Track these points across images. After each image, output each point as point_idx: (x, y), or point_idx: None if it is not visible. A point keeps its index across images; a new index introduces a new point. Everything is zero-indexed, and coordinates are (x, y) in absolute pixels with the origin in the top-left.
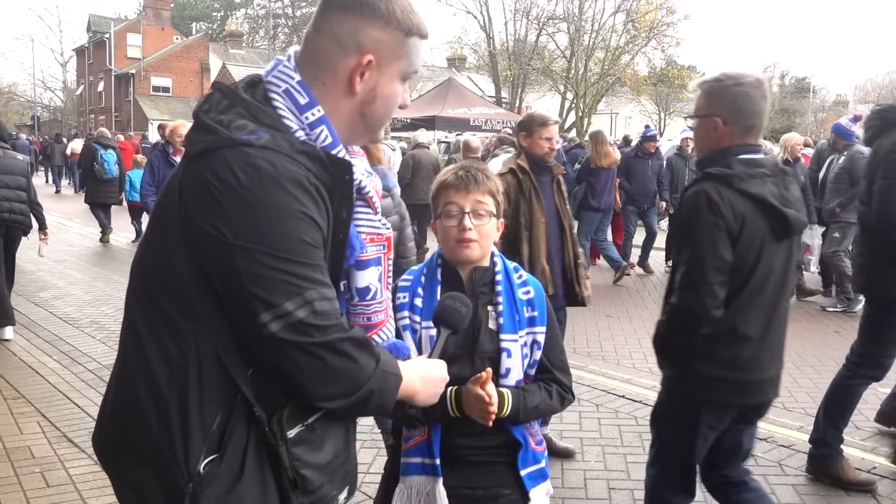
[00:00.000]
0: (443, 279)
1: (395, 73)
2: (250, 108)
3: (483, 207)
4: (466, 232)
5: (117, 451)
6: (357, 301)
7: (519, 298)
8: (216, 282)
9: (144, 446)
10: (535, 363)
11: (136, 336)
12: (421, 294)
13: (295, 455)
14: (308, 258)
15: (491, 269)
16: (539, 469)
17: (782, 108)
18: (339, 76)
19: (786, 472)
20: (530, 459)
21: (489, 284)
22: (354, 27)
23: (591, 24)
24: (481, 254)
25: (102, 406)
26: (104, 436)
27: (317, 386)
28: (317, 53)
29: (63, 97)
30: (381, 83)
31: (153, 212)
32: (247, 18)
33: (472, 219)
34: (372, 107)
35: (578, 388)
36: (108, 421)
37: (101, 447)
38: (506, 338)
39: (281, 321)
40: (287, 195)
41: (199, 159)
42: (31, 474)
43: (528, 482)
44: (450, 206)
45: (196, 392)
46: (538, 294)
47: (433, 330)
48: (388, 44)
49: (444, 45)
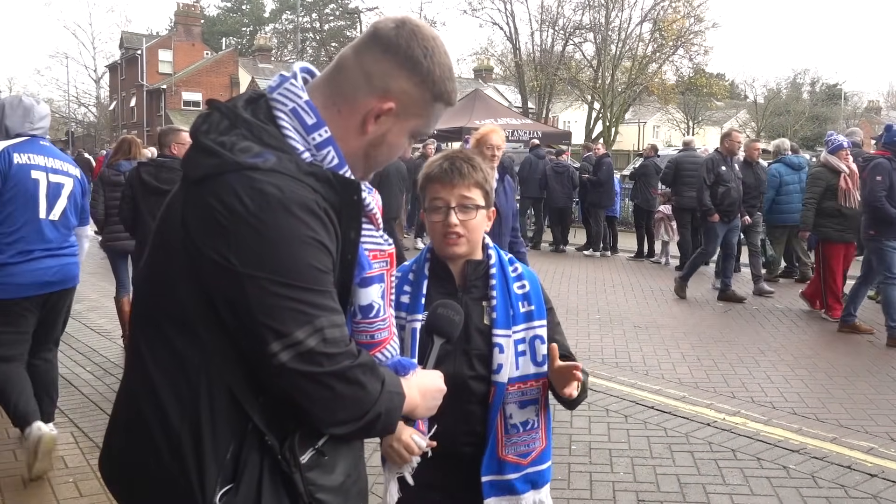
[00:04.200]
0: (431, 274)
1: (410, 127)
2: (253, 128)
3: (470, 201)
4: (452, 227)
5: (131, 485)
6: (360, 319)
7: (514, 293)
8: (223, 311)
9: (158, 480)
10: (544, 360)
11: (143, 366)
12: (408, 291)
13: (309, 480)
14: (318, 284)
15: (485, 262)
16: (507, 482)
17: (813, 115)
18: (356, 110)
19: (819, 485)
20: (495, 468)
21: (483, 278)
22: (388, 71)
23: (618, 34)
24: (470, 248)
25: (109, 436)
26: (114, 468)
27: (326, 414)
28: (344, 78)
29: (97, 113)
30: (393, 132)
31: (153, 237)
32: (275, 33)
33: (458, 213)
34: (377, 150)
35: (606, 398)
36: (119, 454)
37: (111, 480)
38: (498, 333)
39: (291, 350)
40: (296, 221)
41: (202, 184)
42: (65, 483)
43: (488, 489)
44: (435, 200)
45: (208, 422)
46: (534, 287)
47: (418, 323)
48: (415, 100)
49: (470, 57)
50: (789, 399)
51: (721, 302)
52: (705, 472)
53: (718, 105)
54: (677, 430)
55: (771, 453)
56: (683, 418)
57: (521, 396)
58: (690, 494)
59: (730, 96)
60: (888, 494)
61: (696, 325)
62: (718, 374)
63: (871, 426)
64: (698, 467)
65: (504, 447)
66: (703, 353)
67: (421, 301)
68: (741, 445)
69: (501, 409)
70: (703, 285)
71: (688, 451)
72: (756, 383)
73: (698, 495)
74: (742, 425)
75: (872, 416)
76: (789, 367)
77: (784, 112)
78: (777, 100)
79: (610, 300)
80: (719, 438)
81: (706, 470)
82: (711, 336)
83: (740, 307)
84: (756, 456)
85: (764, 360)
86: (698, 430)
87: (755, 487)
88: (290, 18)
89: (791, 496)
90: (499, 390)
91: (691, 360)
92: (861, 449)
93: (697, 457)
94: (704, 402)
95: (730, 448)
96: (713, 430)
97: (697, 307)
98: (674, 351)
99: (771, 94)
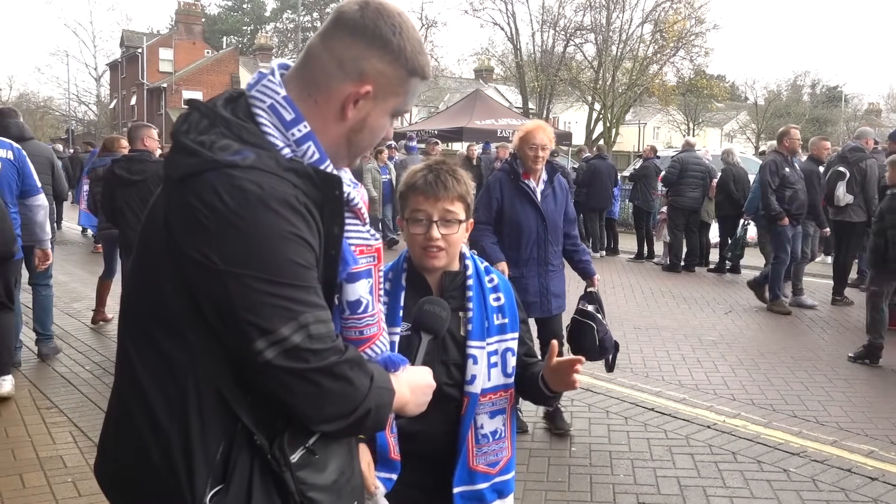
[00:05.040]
0: (408, 284)
1: (389, 107)
2: (231, 126)
3: (452, 216)
4: (434, 241)
5: (122, 487)
6: (349, 315)
7: (490, 305)
8: (206, 309)
9: (148, 481)
10: (513, 371)
11: (131, 368)
12: (385, 302)
13: (300, 479)
14: (301, 280)
15: (462, 273)
16: (478, 492)
17: (813, 118)
18: (332, 98)
19: (819, 489)
20: (466, 478)
21: (459, 289)
22: (360, 54)
23: (619, 35)
24: (448, 260)
25: (102, 440)
26: (107, 471)
27: (314, 410)
28: (315, 68)
29: (97, 111)
30: (373, 115)
31: (138, 239)
32: (276, 32)
33: (439, 227)
34: (359, 135)
35: (607, 400)
36: (111, 456)
37: (106, 484)
38: (473, 344)
39: (276, 347)
40: (277, 217)
41: (182, 184)
42: (64, 483)
43: (459, 500)
44: (417, 212)
45: (197, 423)
46: (508, 299)
47: (396, 336)
48: (390, 79)
49: (471, 57)
50: (789, 402)
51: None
52: (706, 474)
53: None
54: (677, 433)
55: (771, 456)
56: (684, 420)
57: (491, 407)
58: (691, 497)
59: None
60: (889, 498)
61: (697, 327)
62: (718, 377)
63: (871, 429)
64: (699, 470)
65: (475, 457)
66: (703, 355)
67: (399, 313)
68: (741, 448)
69: (472, 420)
70: (703, 287)
71: (688, 454)
72: (756, 385)
73: (698, 498)
74: (742, 428)
75: (872, 418)
76: (789, 369)
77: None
78: (777, 102)
79: (610, 302)
80: (719, 441)
81: (706, 472)
82: (711, 339)
83: (740, 310)
84: (756, 459)
85: (764, 362)
86: (698, 432)
87: (755, 490)
88: (291, 17)
89: (791, 499)
90: (472, 401)
91: (691, 362)
92: (861, 452)
93: (698, 459)
94: (705, 404)
95: (730, 451)
96: (713, 432)
97: (698, 309)
98: (674, 353)
99: (771, 95)
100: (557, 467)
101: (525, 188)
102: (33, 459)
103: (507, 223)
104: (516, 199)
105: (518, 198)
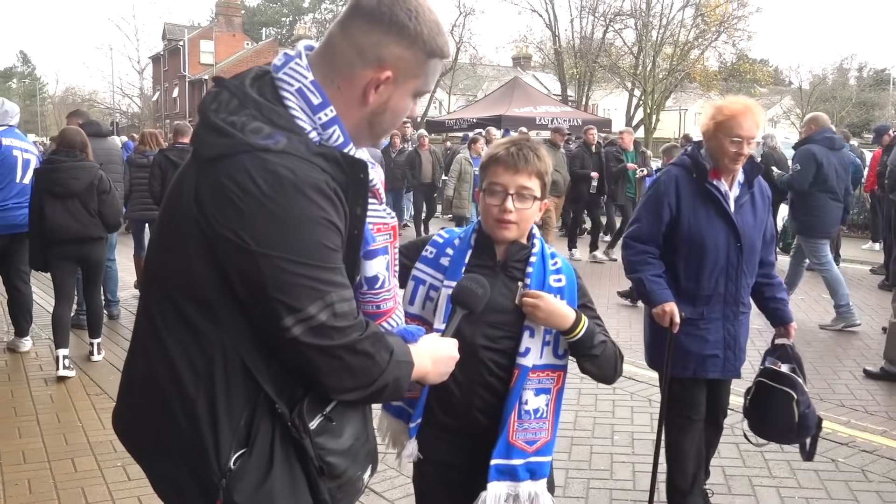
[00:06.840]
0: (476, 245)
1: (410, 89)
2: (262, 109)
3: (528, 191)
4: (507, 214)
5: (150, 450)
6: (366, 290)
7: (549, 285)
8: (237, 286)
9: (176, 445)
10: (564, 353)
11: (157, 337)
12: (449, 254)
13: (319, 444)
14: (329, 262)
15: (528, 248)
16: (512, 467)
17: (860, 102)
18: (354, 84)
19: (869, 479)
20: (504, 451)
21: (522, 262)
22: (378, 41)
23: (660, 20)
24: (518, 235)
25: (122, 392)
26: (128, 423)
27: (334, 381)
28: (336, 56)
29: (140, 103)
30: (395, 98)
31: (162, 212)
32: (314, 23)
33: (514, 201)
34: (381, 118)
35: (649, 389)
36: (137, 419)
37: (125, 433)
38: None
39: (303, 325)
40: (309, 202)
41: (215, 164)
42: (114, 468)
43: (494, 473)
44: (494, 184)
45: (223, 391)
46: (569, 283)
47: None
48: (409, 62)
49: (509, 45)
50: (837, 391)
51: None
52: (751, 464)
53: (762, 91)
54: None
55: (819, 446)
56: (730, 409)
57: (537, 384)
58: (736, 487)
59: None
60: None
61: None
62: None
63: None
64: (744, 459)
65: (515, 432)
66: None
67: (461, 269)
68: None
69: (520, 393)
70: None
71: (733, 443)
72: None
73: (744, 488)
74: None
75: None
76: (836, 357)
77: (830, 98)
78: (823, 86)
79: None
80: None
81: (752, 462)
82: (756, 327)
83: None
84: None
85: (810, 350)
86: (743, 421)
87: (802, 480)
88: (329, 8)
89: (840, 490)
90: (521, 374)
91: None
92: None
93: (743, 448)
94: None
95: None
96: None
97: None
98: None
99: (816, 79)
100: (599, 455)
101: (713, 192)
102: (84, 444)
103: (685, 241)
104: (700, 207)
105: (703, 205)
